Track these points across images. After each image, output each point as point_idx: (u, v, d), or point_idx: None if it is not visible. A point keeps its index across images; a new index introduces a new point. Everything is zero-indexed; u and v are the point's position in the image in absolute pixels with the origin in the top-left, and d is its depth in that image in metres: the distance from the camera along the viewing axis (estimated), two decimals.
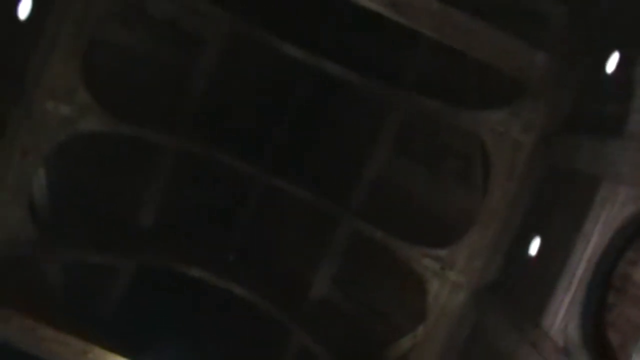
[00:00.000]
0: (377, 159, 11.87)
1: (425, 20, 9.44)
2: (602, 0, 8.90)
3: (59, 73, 9.40)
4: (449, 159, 11.08)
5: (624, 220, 6.98)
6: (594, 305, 7.09)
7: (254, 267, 12.52)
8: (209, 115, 11.98)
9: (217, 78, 11.87)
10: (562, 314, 7.26)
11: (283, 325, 11.71)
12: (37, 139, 9.52)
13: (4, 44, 8.34)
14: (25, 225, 9.79)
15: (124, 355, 9.95)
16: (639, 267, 6.87)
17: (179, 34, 11.42)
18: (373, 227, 11.17)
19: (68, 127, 9.77)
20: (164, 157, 11.88)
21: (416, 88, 11.47)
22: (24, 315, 9.75)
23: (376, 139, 11.90)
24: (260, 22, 11.72)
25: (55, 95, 9.48)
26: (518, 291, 8.66)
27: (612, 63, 8.16)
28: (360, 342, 11.10)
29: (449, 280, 9.84)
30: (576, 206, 7.86)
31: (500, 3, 10.10)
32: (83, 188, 10.86)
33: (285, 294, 12.08)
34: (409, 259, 10.40)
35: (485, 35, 9.49)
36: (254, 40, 11.82)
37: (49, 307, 10.40)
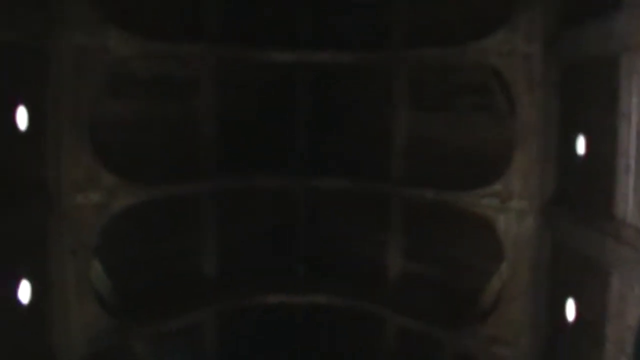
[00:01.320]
0: (399, 123, 11.84)
1: None
2: None
3: (76, 167, 9.49)
4: (466, 96, 11.00)
5: None
6: None
7: (325, 272, 12.55)
8: (228, 148, 12.02)
9: (222, 109, 11.93)
10: (632, 197, 7.15)
11: (375, 315, 11.71)
12: (80, 234, 9.59)
13: (13, 158, 8.44)
14: (100, 318, 9.88)
15: None
16: None
17: (171, 85, 11.49)
18: (421, 189, 11.14)
19: (103, 212, 9.87)
20: (204, 204, 11.97)
21: (410, 42, 11.45)
22: None
23: (392, 105, 11.87)
24: (240, 40, 11.79)
25: (80, 188, 9.57)
26: (581, 193, 8.55)
27: None
28: (452, 301, 11.05)
29: (512, 210, 9.74)
30: (604, 90, 7.75)
31: None
32: (138, 261, 10.92)
33: (365, 286, 12.08)
34: (468, 206, 10.34)
35: None
36: (241, 59, 11.89)
37: None
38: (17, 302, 8.35)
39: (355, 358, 11.89)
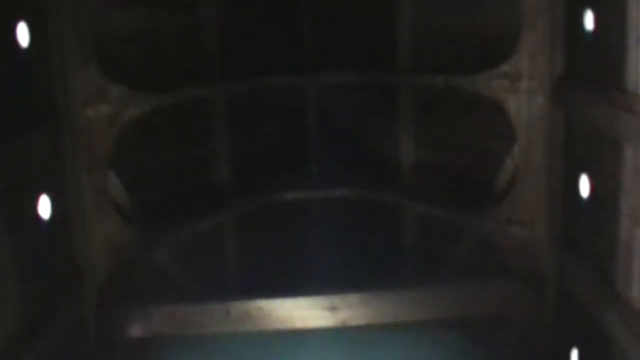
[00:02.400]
0: (404, 11, 11.68)
1: None
2: None
3: (83, 81, 9.46)
4: None
5: None
6: None
7: (339, 167, 12.62)
8: (235, 53, 11.92)
9: (226, 15, 11.77)
10: None
11: (392, 204, 11.84)
12: (93, 148, 9.66)
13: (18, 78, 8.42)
14: (121, 230, 10.06)
15: (261, 298, 10.26)
16: None
17: None
18: (430, 75, 11.09)
19: (114, 123, 9.90)
20: (214, 109, 11.97)
21: None
22: (159, 305, 10.18)
23: None
24: None
25: (89, 101, 9.57)
26: (591, 69, 8.46)
27: None
28: (467, 186, 11.14)
29: (522, 90, 9.69)
30: None
31: None
32: (153, 172, 11.00)
33: (380, 177, 12.17)
34: (477, 89, 10.29)
35: None
36: None
37: (176, 287, 10.80)
38: (39, 218, 8.47)
39: (376, 248, 12.06)
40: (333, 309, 10.27)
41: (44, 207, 8.58)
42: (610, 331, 7.81)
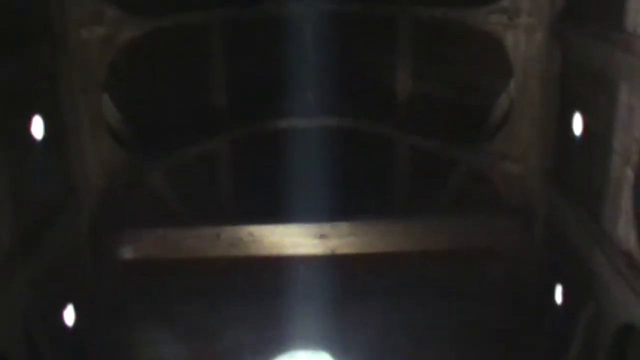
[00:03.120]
0: None
1: None
2: None
3: (78, 2, 9.38)
4: None
5: None
6: None
7: (334, 96, 12.57)
8: None
9: None
10: None
11: (386, 135, 11.86)
12: (88, 70, 9.63)
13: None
14: (115, 153, 10.10)
15: (252, 223, 10.37)
16: None
17: None
18: (430, 8, 10.99)
19: (109, 45, 9.84)
20: (212, 35, 11.87)
21: None
22: (151, 228, 10.28)
23: None
24: None
25: (84, 23, 9.50)
26: (591, 7, 8.40)
27: None
28: (462, 120, 11.14)
29: (521, 26, 9.61)
30: None
31: None
32: (148, 95, 10.95)
33: (375, 107, 12.16)
34: (476, 23, 10.21)
35: None
36: None
37: (169, 211, 10.88)
38: (31, 137, 8.48)
39: (368, 179, 12.11)
40: (323, 237, 10.40)
41: (38, 127, 8.60)
42: (595, 268, 7.95)
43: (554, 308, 9.42)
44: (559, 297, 9.33)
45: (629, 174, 7.24)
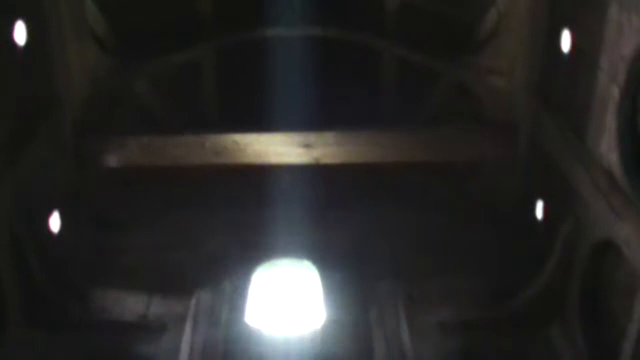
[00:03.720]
0: None
1: None
2: None
3: None
4: None
5: None
6: None
7: (322, 5, 12.35)
8: None
9: None
10: None
11: (372, 46, 11.76)
12: None
13: None
14: (99, 58, 10.00)
15: (236, 132, 10.38)
16: None
17: None
18: None
19: None
20: None
21: None
22: (137, 135, 10.26)
23: None
24: None
25: None
26: None
27: None
28: (449, 33, 11.06)
29: None
30: None
31: None
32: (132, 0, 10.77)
33: (362, 18, 11.99)
34: None
35: None
36: None
37: (153, 119, 10.84)
38: (14, 44, 8.35)
39: (353, 90, 12.07)
40: (308, 146, 10.41)
41: (20, 33, 8.47)
42: (576, 185, 8.05)
43: (534, 223, 9.58)
44: (539, 212, 9.47)
45: (615, 92, 7.27)
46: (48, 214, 9.13)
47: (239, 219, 10.54)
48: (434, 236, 10.28)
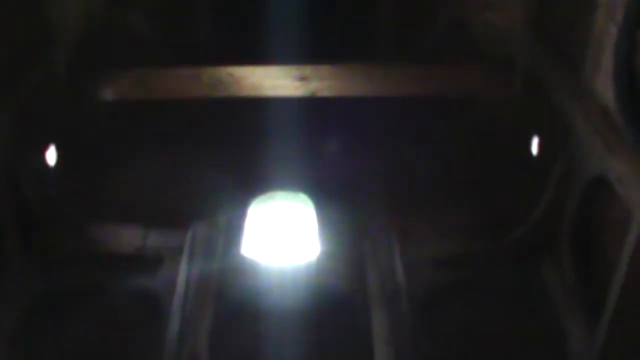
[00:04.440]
0: None
1: None
2: None
3: None
4: None
5: None
6: None
7: None
8: None
9: None
10: None
11: None
12: None
13: None
14: None
15: (234, 64, 10.31)
16: None
17: None
18: None
19: None
20: None
21: None
22: (131, 69, 10.20)
23: None
24: None
25: None
26: None
27: None
28: None
29: None
30: None
31: None
32: None
33: None
34: None
35: None
36: None
37: (149, 54, 10.76)
38: None
39: (350, 23, 11.96)
40: (303, 79, 10.36)
41: None
42: (572, 121, 8.06)
43: (529, 158, 9.61)
44: (534, 148, 9.50)
45: (612, 29, 7.21)
46: (44, 147, 9.13)
47: (235, 153, 10.56)
48: (428, 171, 10.33)
